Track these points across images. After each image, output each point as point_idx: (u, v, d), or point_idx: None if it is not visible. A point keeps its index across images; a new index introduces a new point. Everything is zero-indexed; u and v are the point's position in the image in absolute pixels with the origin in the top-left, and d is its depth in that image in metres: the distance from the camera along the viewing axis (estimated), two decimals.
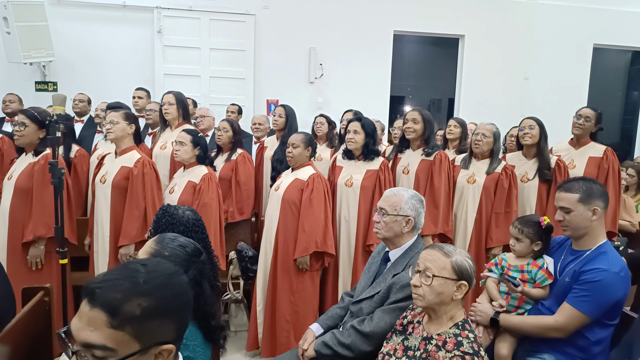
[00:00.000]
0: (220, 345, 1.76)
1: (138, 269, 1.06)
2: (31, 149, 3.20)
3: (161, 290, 1.05)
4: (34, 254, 3.11)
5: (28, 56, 5.61)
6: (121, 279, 1.03)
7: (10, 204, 3.13)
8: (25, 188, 3.11)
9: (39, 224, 3.05)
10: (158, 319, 1.03)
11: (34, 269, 3.14)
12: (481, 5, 6.96)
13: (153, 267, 1.09)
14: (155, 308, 1.02)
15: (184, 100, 4.07)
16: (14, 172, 3.19)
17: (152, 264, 1.10)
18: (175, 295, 1.08)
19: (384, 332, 2.04)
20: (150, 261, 1.13)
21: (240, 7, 6.43)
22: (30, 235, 3.06)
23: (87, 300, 1.01)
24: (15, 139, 3.17)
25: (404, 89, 9.92)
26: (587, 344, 2.04)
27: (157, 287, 1.04)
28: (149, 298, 1.02)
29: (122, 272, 1.06)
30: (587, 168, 3.65)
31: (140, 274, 1.04)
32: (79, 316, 1.02)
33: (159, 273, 1.08)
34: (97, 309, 0.99)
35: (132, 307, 0.99)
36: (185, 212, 2.13)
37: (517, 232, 2.25)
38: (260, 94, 6.67)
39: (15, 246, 3.12)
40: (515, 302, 2.23)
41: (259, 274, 3.35)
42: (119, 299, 0.99)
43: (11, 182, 3.16)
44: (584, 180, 2.15)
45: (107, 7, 6.21)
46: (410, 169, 3.58)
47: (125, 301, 0.99)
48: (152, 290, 1.03)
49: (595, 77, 7.38)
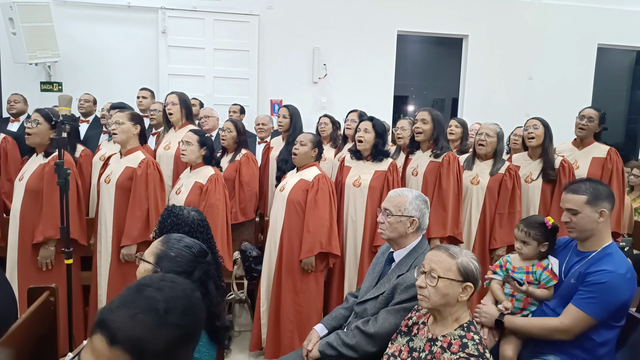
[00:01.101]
0: (225, 346, 1.77)
1: (155, 296, 0.97)
2: (42, 149, 3.22)
3: (184, 318, 0.98)
4: (44, 255, 3.13)
5: (33, 56, 5.64)
6: (141, 313, 0.94)
7: (21, 205, 3.15)
8: (36, 189, 3.12)
9: (48, 226, 3.06)
10: (182, 349, 0.97)
11: (44, 270, 3.15)
12: (485, 5, 6.95)
13: (170, 290, 1.00)
14: (179, 339, 0.95)
15: (187, 101, 4.07)
16: (25, 173, 3.21)
17: (167, 286, 1.02)
18: (195, 319, 1.01)
19: (389, 333, 2.04)
20: (164, 281, 1.04)
21: (244, 7, 6.45)
22: (40, 237, 3.07)
23: (107, 339, 0.91)
24: (27, 137, 3.19)
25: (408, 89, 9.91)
26: (592, 346, 2.03)
27: (179, 315, 0.97)
28: (174, 329, 0.95)
29: (139, 302, 0.96)
30: (591, 168, 3.63)
31: (159, 302, 0.96)
32: (95, 354, 0.93)
33: (177, 297, 1.00)
34: (118, 350, 0.91)
35: (157, 343, 0.92)
36: (191, 212, 2.13)
37: (523, 235, 2.23)
38: (264, 94, 6.68)
39: (25, 247, 3.14)
40: (520, 304, 2.22)
41: (263, 274, 3.35)
42: (144, 339, 0.91)
43: (22, 183, 3.17)
44: (590, 182, 2.13)
45: (112, 8, 6.23)
46: (419, 170, 3.55)
47: (151, 340, 0.91)
48: (175, 320, 0.95)
49: (599, 76, 7.36)
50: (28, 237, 3.13)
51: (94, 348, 0.93)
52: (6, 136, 4.15)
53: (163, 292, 0.99)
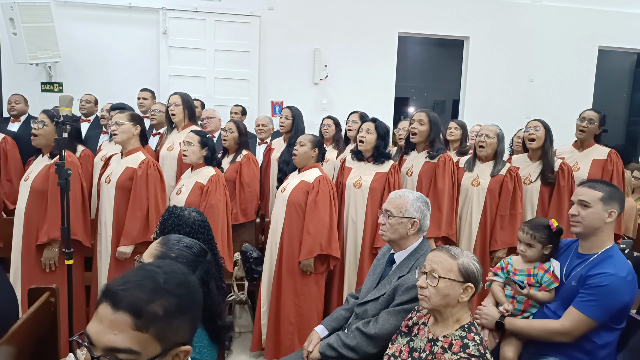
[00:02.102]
0: (226, 347, 1.77)
1: (155, 270, 1.06)
2: (47, 150, 3.23)
3: (180, 289, 1.05)
4: (48, 256, 3.12)
5: (34, 57, 5.63)
6: (142, 279, 1.03)
7: (26, 206, 3.15)
8: (41, 190, 3.13)
9: (53, 227, 3.05)
10: (178, 319, 1.03)
11: (48, 271, 3.15)
12: (486, 7, 6.95)
13: (168, 267, 1.09)
14: (176, 307, 1.02)
15: (190, 102, 4.07)
16: (31, 174, 3.21)
17: (165, 264, 1.11)
18: (191, 293, 1.09)
19: (389, 334, 2.04)
20: (163, 262, 1.14)
21: (245, 8, 6.45)
22: (45, 238, 3.07)
23: (111, 304, 0.99)
24: (33, 138, 3.20)
25: (409, 90, 9.92)
26: (593, 348, 2.03)
27: (176, 285, 1.05)
28: (171, 297, 1.02)
29: (141, 273, 1.06)
30: (591, 170, 3.63)
31: (158, 274, 1.05)
32: (99, 320, 1.00)
33: (176, 272, 1.08)
34: (121, 312, 0.98)
35: (155, 307, 0.99)
36: (191, 213, 2.13)
37: (529, 238, 2.21)
38: (264, 95, 6.68)
39: (29, 247, 3.14)
40: (521, 306, 2.22)
41: (264, 276, 3.35)
42: (144, 299, 0.99)
43: (27, 183, 3.18)
44: (607, 184, 2.15)
45: (113, 8, 6.23)
46: (413, 170, 3.56)
47: (150, 302, 0.99)
48: (172, 289, 1.03)
49: (600, 79, 7.36)
50: (32, 237, 3.13)
51: (98, 316, 1.00)
52: (6, 136, 4.15)
53: (161, 267, 1.08)
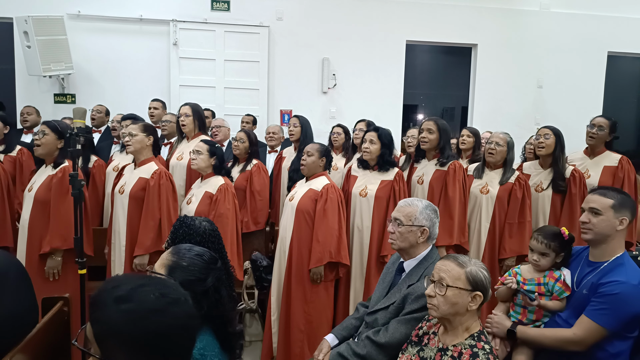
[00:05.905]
0: (236, 355, 1.77)
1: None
2: (50, 160, 3.26)
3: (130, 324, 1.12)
4: (51, 265, 3.15)
5: (47, 69, 5.73)
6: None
7: (30, 216, 3.19)
8: (44, 200, 3.16)
9: (55, 236, 3.09)
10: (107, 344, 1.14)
11: (51, 280, 3.18)
12: (494, 14, 6.95)
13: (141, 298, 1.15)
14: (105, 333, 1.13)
15: (200, 112, 4.12)
16: (34, 184, 3.25)
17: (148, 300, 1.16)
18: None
19: (400, 342, 2.04)
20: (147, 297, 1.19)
21: (255, 19, 6.52)
22: (47, 247, 3.11)
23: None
24: (35, 148, 3.24)
25: (417, 98, 9.93)
26: (606, 357, 2.01)
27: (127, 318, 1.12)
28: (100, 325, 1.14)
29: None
30: (602, 177, 3.61)
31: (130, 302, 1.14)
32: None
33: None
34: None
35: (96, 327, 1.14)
36: (202, 222, 2.15)
37: (544, 247, 2.17)
38: (274, 104, 6.72)
39: (33, 257, 3.17)
40: (533, 316, 2.19)
41: (273, 284, 3.36)
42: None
43: (31, 194, 3.22)
44: (618, 191, 2.14)
45: (125, 21, 6.33)
46: (424, 179, 3.56)
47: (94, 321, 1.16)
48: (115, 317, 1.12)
49: (610, 84, 7.32)
50: (36, 247, 3.16)
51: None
52: (22, 148, 4.22)
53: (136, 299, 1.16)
